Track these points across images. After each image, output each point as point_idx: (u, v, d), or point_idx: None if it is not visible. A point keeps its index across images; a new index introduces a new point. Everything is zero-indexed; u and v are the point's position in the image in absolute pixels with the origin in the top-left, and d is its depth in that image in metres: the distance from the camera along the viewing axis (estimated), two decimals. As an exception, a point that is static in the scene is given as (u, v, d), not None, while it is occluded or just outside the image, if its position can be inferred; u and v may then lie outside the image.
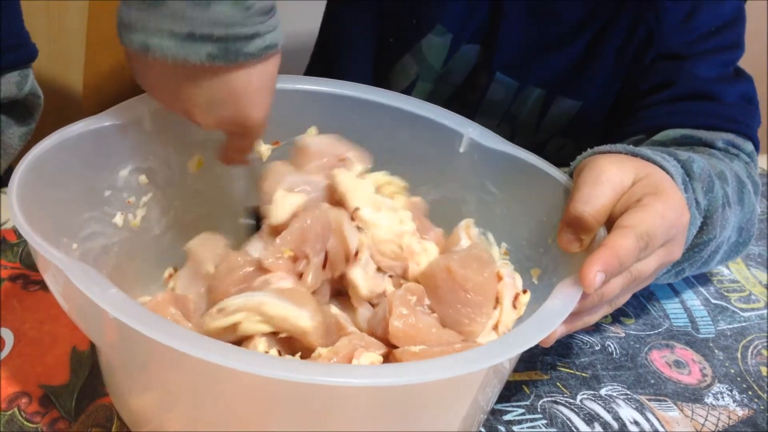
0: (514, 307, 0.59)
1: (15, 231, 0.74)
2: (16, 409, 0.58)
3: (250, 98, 0.57)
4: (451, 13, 0.90)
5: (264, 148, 0.69)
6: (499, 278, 0.60)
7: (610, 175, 0.59)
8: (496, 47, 0.90)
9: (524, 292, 0.60)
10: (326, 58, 1.04)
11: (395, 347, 0.57)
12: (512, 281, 0.61)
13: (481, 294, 0.59)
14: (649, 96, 0.86)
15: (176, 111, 0.59)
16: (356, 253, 0.61)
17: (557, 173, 0.65)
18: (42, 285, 0.68)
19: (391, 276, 0.63)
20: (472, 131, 0.68)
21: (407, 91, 0.96)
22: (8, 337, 0.63)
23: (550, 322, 0.50)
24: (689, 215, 0.61)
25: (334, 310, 0.62)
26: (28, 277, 0.69)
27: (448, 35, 0.91)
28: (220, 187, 0.70)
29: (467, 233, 0.67)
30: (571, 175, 0.65)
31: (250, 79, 0.56)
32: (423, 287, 0.61)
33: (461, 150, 0.69)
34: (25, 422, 0.57)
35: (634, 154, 0.63)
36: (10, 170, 0.58)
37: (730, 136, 0.80)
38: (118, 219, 0.63)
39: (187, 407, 0.51)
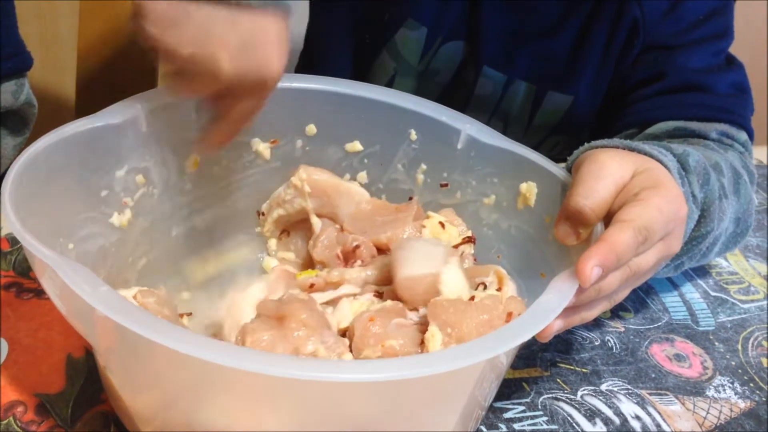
0: None
1: (8, 239, 0.74)
2: (11, 418, 0.57)
3: (278, 48, 0.57)
4: (423, 7, 0.90)
5: (262, 147, 0.70)
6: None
7: (611, 169, 0.59)
8: (480, 41, 0.90)
9: None
10: (308, 58, 1.05)
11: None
12: None
13: None
14: (640, 89, 0.85)
15: (197, 55, 0.55)
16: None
17: (556, 169, 0.65)
18: (36, 293, 0.68)
19: None
20: (469, 127, 0.68)
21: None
22: (2, 345, 0.63)
23: (544, 316, 0.50)
24: (687, 208, 0.60)
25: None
26: (22, 285, 0.69)
27: (422, 29, 0.91)
28: (219, 187, 0.70)
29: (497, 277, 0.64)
30: (568, 170, 0.65)
31: (281, 29, 0.57)
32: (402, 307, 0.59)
33: (459, 146, 0.68)
34: (21, 431, 0.57)
35: (632, 149, 0.63)
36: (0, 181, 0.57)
37: (724, 127, 0.80)
38: (115, 219, 0.63)
39: (185, 405, 0.51)
